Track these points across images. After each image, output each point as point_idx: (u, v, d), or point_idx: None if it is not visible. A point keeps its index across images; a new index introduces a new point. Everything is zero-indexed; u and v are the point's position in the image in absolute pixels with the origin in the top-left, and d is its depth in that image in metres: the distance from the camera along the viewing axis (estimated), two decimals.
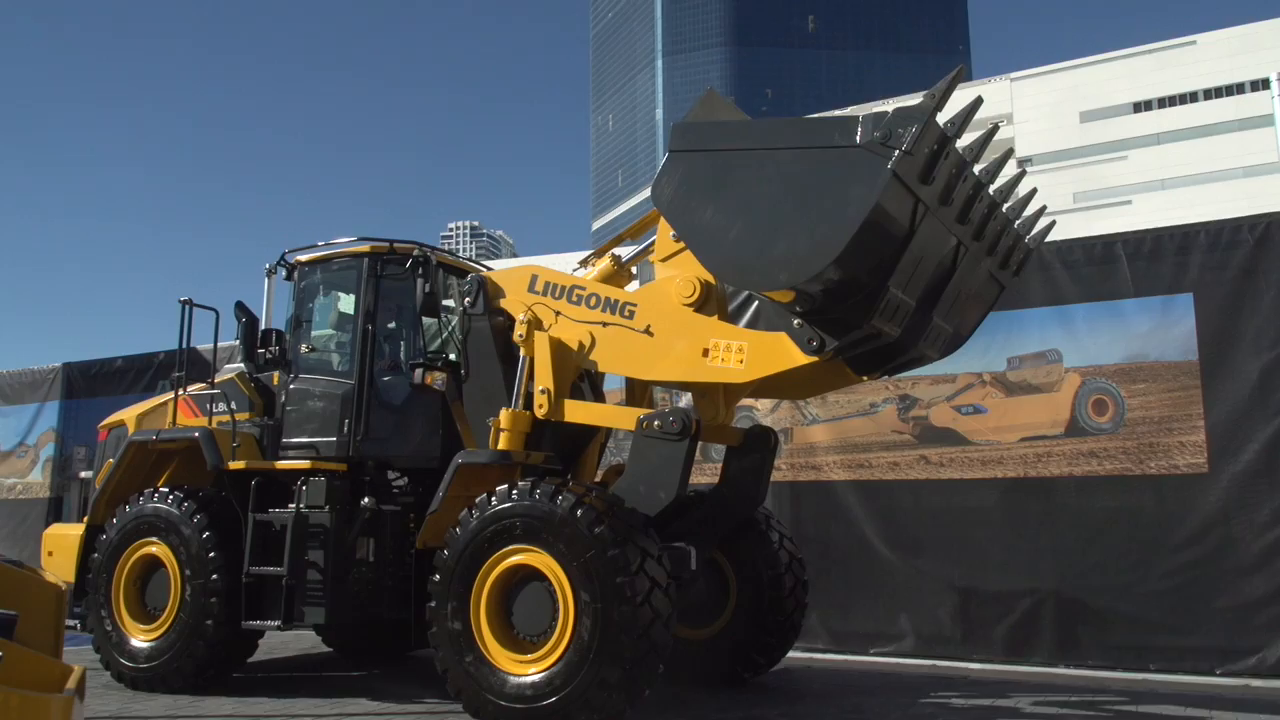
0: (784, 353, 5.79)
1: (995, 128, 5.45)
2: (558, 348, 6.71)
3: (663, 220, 6.84)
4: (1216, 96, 60.01)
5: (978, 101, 5.05)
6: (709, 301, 6.41)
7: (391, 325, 8.05)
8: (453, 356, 7.73)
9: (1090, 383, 8.51)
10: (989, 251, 6.10)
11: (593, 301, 6.72)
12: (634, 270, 7.60)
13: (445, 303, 7.89)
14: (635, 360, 6.56)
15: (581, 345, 6.68)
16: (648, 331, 6.44)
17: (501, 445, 6.60)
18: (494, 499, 6.15)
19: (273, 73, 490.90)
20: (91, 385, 14.67)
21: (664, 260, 6.66)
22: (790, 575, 7.57)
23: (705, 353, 6.13)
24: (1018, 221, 6.36)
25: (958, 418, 9.00)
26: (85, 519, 8.49)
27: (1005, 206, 6.11)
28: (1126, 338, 8.41)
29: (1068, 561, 8.30)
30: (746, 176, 5.20)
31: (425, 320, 7.76)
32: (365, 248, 7.79)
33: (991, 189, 5.83)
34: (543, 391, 6.64)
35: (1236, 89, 58.21)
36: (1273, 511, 7.70)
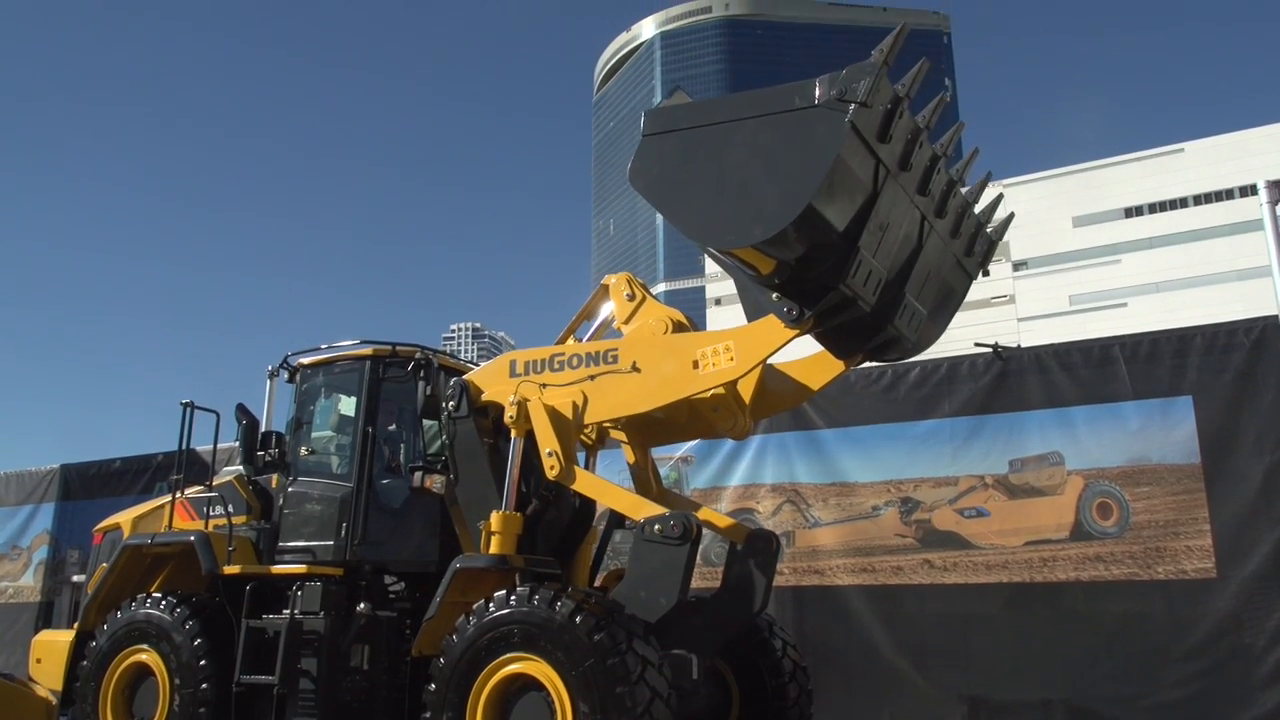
0: (768, 335, 5.97)
1: (944, 97, 5.65)
2: (553, 412, 6.76)
3: (614, 286, 7.38)
4: (1206, 202, 61.23)
5: (925, 64, 5.26)
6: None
7: (392, 428, 8.05)
8: None
9: (1093, 485, 8.46)
10: (953, 233, 6.25)
11: (575, 362, 6.84)
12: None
13: None
14: (630, 397, 6.63)
15: (575, 405, 6.75)
16: (635, 368, 6.57)
17: (494, 549, 6.54)
18: (491, 605, 6.05)
19: (281, 170, 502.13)
20: (89, 487, 14.59)
21: (626, 322, 7.10)
22: (794, 685, 7.39)
23: (695, 364, 6.29)
24: (978, 208, 6.52)
25: (960, 521, 8.92)
26: (75, 625, 8.35)
27: (964, 190, 6.28)
28: (1128, 440, 8.39)
29: (1078, 669, 8.12)
30: (716, 149, 5.41)
31: (426, 422, 7.76)
32: (368, 351, 7.84)
33: (943, 158, 5.94)
34: (550, 454, 6.63)
35: (1226, 195, 59.40)
36: None
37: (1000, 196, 6.84)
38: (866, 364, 9.69)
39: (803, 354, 6.82)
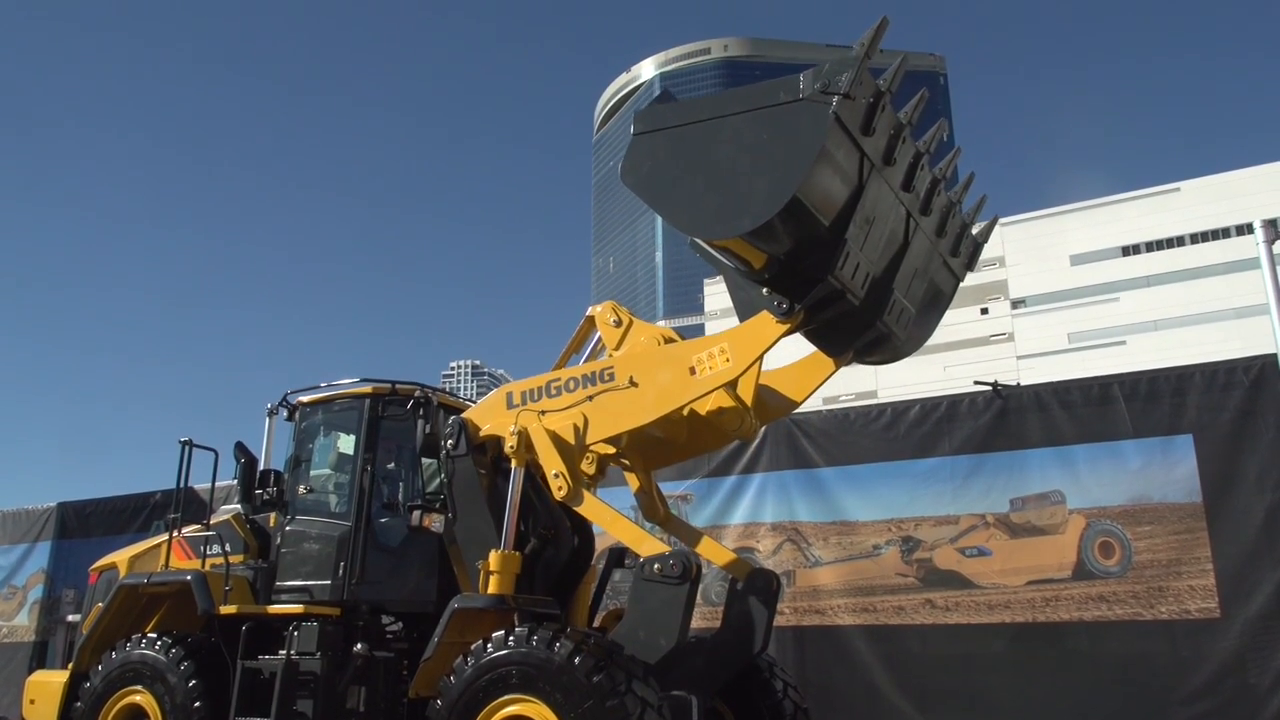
0: (761, 332, 5.99)
1: (925, 94, 5.72)
2: (555, 435, 6.73)
3: (600, 315, 7.38)
4: (1203, 240, 61.54)
5: (904, 59, 5.38)
6: None
7: (391, 466, 8.03)
8: None
9: (1095, 524, 8.43)
10: (939, 231, 6.31)
11: (571, 385, 6.83)
12: None
13: None
14: (630, 412, 6.59)
15: (576, 427, 6.71)
16: (632, 383, 6.55)
17: (492, 589, 6.48)
18: (489, 645, 5.99)
19: (280, 207, 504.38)
20: (85, 525, 14.53)
21: (617, 347, 7.09)
22: None
23: (692, 370, 6.28)
24: (964, 209, 6.57)
25: (962, 560, 8.87)
26: (70, 665, 8.27)
27: (950, 192, 6.34)
28: (1129, 478, 8.37)
29: (1081, 710, 8.04)
30: (705, 144, 5.48)
31: (425, 461, 7.74)
32: (367, 389, 7.83)
33: (927, 154, 6.00)
34: (556, 475, 6.58)
35: (1222, 233, 59.72)
36: None
37: (985, 197, 6.89)
38: (864, 401, 9.75)
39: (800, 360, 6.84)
